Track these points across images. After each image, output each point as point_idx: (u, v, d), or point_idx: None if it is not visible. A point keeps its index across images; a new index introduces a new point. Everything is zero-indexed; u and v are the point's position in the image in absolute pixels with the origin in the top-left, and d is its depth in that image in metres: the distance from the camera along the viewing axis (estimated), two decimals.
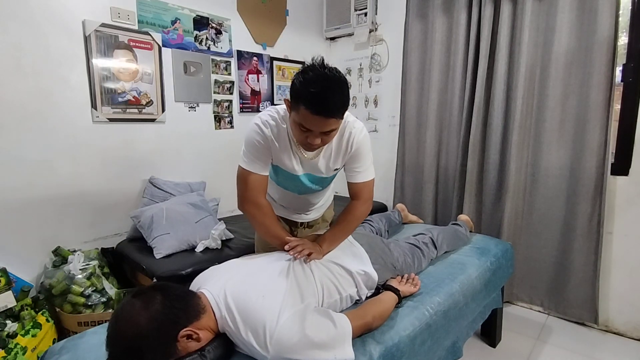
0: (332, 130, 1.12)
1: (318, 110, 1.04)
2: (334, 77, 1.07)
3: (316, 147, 1.17)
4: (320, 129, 1.09)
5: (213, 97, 2.57)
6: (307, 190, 1.40)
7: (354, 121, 1.29)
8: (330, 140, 1.17)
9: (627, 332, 2.03)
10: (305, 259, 1.19)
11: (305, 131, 1.10)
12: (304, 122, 1.08)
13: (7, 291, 1.62)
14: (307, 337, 0.89)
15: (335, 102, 1.05)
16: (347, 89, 1.11)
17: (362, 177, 1.31)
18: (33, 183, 1.85)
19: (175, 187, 2.30)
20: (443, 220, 2.62)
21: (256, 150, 1.23)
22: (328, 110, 1.05)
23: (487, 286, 1.60)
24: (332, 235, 1.32)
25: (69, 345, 1.10)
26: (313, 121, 1.06)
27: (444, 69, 2.54)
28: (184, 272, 1.77)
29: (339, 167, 1.34)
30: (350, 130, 1.26)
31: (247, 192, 1.26)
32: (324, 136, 1.12)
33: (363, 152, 1.28)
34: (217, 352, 0.94)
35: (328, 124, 1.08)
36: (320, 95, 1.03)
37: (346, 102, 1.10)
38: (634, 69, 1.90)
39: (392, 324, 1.15)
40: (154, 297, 0.90)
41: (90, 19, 1.96)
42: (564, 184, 2.11)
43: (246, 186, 1.25)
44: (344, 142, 1.27)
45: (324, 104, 1.04)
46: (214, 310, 0.98)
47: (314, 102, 1.04)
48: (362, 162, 1.29)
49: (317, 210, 1.57)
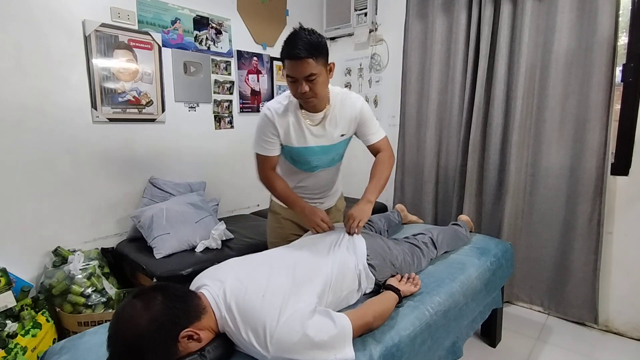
0: (312, 74, 1.25)
1: (289, 54, 1.23)
2: (303, 30, 1.25)
3: (309, 98, 1.30)
4: (299, 74, 1.25)
5: (213, 97, 2.57)
6: (319, 163, 1.52)
7: (351, 92, 1.48)
8: (317, 88, 1.29)
9: (627, 332, 2.03)
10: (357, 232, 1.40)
11: (293, 82, 1.28)
12: (287, 72, 1.28)
13: (7, 291, 1.62)
14: (308, 336, 0.89)
15: (302, 43, 1.21)
16: (317, 36, 1.26)
17: (377, 137, 1.52)
18: (33, 183, 1.85)
19: (175, 187, 2.30)
20: (443, 220, 2.62)
21: (262, 134, 1.43)
22: (297, 51, 1.21)
23: (487, 286, 1.60)
24: (373, 184, 1.47)
25: (69, 345, 1.10)
26: (290, 68, 1.25)
27: (444, 69, 2.54)
28: (184, 272, 1.77)
29: (345, 133, 1.48)
30: (349, 99, 1.45)
31: (259, 169, 1.51)
32: (309, 83, 1.26)
33: (368, 116, 1.48)
34: (217, 352, 0.94)
35: (303, 66, 1.23)
36: (289, 42, 1.25)
37: (314, 43, 1.23)
38: (634, 69, 1.90)
39: (393, 323, 1.15)
40: (155, 297, 0.90)
41: (90, 19, 1.96)
42: (564, 183, 2.11)
43: (258, 164, 1.51)
44: (346, 109, 1.44)
45: (292, 47, 1.22)
46: (214, 311, 0.98)
47: (285, 50, 1.25)
48: (370, 126, 1.50)
49: (331, 197, 1.71)
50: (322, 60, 1.27)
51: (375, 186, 1.47)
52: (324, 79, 1.31)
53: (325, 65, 1.29)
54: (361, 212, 1.41)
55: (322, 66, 1.27)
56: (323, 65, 1.28)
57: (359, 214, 1.41)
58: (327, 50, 1.30)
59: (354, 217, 1.40)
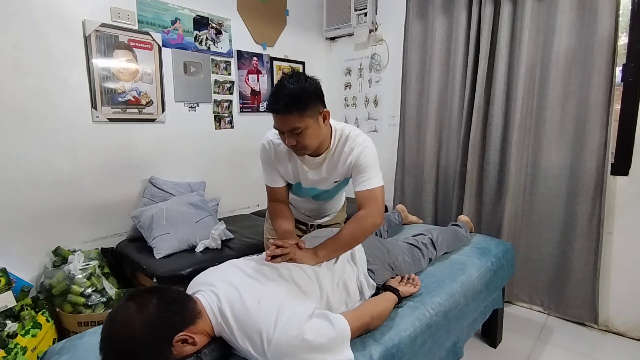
0: (297, 128, 1.14)
1: (271, 108, 1.16)
2: (289, 78, 1.15)
3: (298, 149, 1.22)
4: (283, 127, 1.17)
5: (213, 97, 2.57)
6: (315, 197, 1.49)
7: (357, 135, 1.31)
8: (307, 141, 1.18)
9: (627, 332, 2.03)
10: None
11: (282, 134, 1.20)
12: (275, 124, 1.20)
13: (7, 291, 1.61)
14: (306, 340, 0.88)
15: (283, 99, 1.12)
16: (303, 84, 1.14)
17: (364, 186, 1.27)
18: (33, 183, 1.85)
19: (175, 187, 2.30)
20: (443, 221, 2.61)
21: (265, 165, 1.41)
22: (278, 106, 1.13)
23: (488, 286, 1.60)
24: (332, 244, 1.26)
25: (68, 346, 1.10)
26: (276, 121, 1.18)
27: (444, 69, 2.54)
28: (184, 272, 1.77)
29: (338, 180, 1.38)
30: (351, 145, 1.29)
31: (268, 196, 1.48)
32: (296, 136, 1.17)
33: (364, 164, 1.28)
34: (213, 355, 0.93)
35: (286, 121, 1.14)
36: (273, 93, 1.17)
37: (297, 96, 1.12)
38: (634, 69, 1.90)
39: (393, 324, 1.15)
40: (150, 300, 0.89)
41: (90, 19, 1.96)
42: (564, 183, 2.11)
43: (267, 191, 1.48)
44: (346, 156, 1.29)
45: (274, 100, 1.15)
46: (209, 316, 0.96)
47: (269, 103, 1.18)
48: (364, 173, 1.28)
49: (328, 216, 1.67)
50: (310, 112, 1.15)
51: (333, 246, 1.25)
52: (314, 130, 1.18)
53: (314, 116, 1.17)
54: (301, 258, 1.20)
55: (309, 118, 1.15)
56: (311, 117, 1.15)
57: (299, 258, 1.20)
58: (317, 97, 1.17)
59: (293, 256, 1.19)
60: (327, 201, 1.58)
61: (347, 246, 1.28)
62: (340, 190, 1.54)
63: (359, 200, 1.28)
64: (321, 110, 1.20)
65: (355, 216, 1.26)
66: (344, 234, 1.26)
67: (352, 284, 1.24)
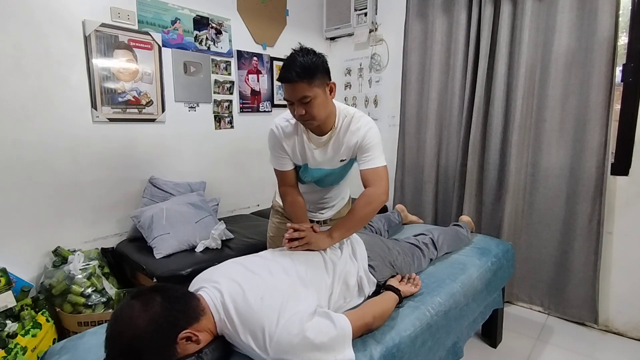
0: (306, 97, 1.21)
1: (283, 77, 1.21)
2: (300, 51, 1.23)
3: (306, 120, 1.27)
4: (293, 97, 1.22)
5: (213, 97, 2.57)
6: (318, 181, 1.51)
7: (362, 116, 1.39)
8: (314, 110, 1.24)
9: (627, 332, 2.03)
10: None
11: (291, 104, 1.26)
12: (284, 94, 1.26)
13: (7, 291, 1.61)
14: (307, 339, 0.89)
15: (295, 67, 1.19)
16: (312, 56, 1.22)
17: (369, 165, 1.35)
18: (33, 183, 1.85)
19: (175, 187, 2.30)
20: (443, 221, 2.61)
21: (273, 150, 1.45)
22: (290, 75, 1.19)
23: (488, 286, 1.60)
24: (345, 224, 1.33)
25: (69, 346, 1.10)
26: (285, 90, 1.24)
27: (444, 69, 2.54)
28: (184, 272, 1.77)
29: (345, 158, 1.42)
30: (357, 125, 1.36)
31: (278, 182, 1.52)
32: (304, 106, 1.23)
33: (370, 144, 1.35)
34: (215, 354, 0.93)
35: (296, 89, 1.20)
36: (284, 65, 1.23)
37: (308, 66, 1.19)
38: (634, 69, 1.90)
39: (393, 324, 1.15)
40: (154, 298, 0.89)
41: (90, 19, 1.96)
42: (564, 183, 2.11)
43: (277, 177, 1.52)
44: (350, 134, 1.36)
45: (285, 70, 1.21)
46: (212, 313, 0.97)
47: (280, 73, 1.23)
48: (369, 152, 1.36)
49: (331, 209, 1.68)
50: (318, 82, 1.22)
51: (345, 225, 1.32)
52: (322, 100, 1.25)
53: (322, 86, 1.24)
54: (317, 241, 1.26)
55: (317, 88, 1.22)
56: (319, 87, 1.23)
57: (315, 242, 1.25)
58: (324, 70, 1.25)
59: (309, 239, 1.24)
60: (332, 188, 1.59)
61: (359, 224, 1.35)
62: (345, 174, 1.56)
63: (364, 178, 1.36)
64: (328, 82, 1.28)
65: (363, 194, 1.33)
66: (354, 213, 1.33)
67: (352, 279, 1.25)
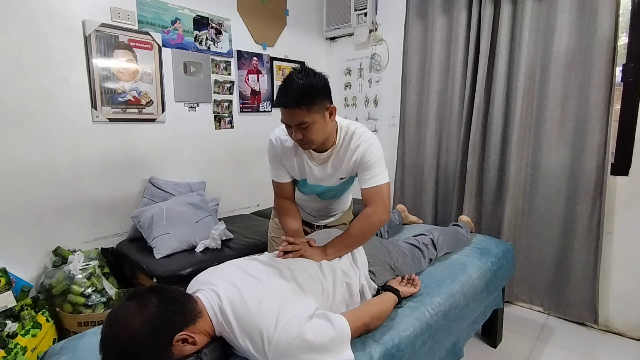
0: (304, 123, 1.17)
1: (279, 102, 1.18)
2: (298, 73, 1.18)
3: (303, 143, 1.24)
4: (291, 121, 1.19)
5: (213, 97, 2.57)
6: (321, 195, 1.50)
7: (363, 133, 1.33)
8: (313, 136, 1.20)
9: (627, 332, 2.03)
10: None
11: (288, 127, 1.23)
12: (282, 118, 1.22)
13: (7, 291, 1.61)
14: (306, 341, 0.88)
15: (291, 93, 1.14)
16: (312, 79, 1.16)
17: (369, 184, 1.30)
18: (33, 183, 1.85)
19: (175, 187, 2.30)
20: (443, 221, 2.61)
21: (272, 161, 1.44)
22: (287, 100, 1.16)
23: (488, 286, 1.60)
24: (341, 242, 1.30)
25: (68, 346, 1.10)
26: (284, 115, 1.20)
27: (444, 69, 2.54)
28: (184, 272, 1.77)
29: (344, 176, 1.39)
30: (357, 142, 1.31)
31: (275, 193, 1.51)
32: (303, 131, 1.19)
33: (370, 162, 1.30)
34: (213, 355, 0.93)
35: (294, 116, 1.17)
36: (281, 87, 1.18)
37: (305, 90, 1.14)
38: (634, 69, 1.90)
39: (393, 324, 1.15)
40: (149, 300, 0.88)
41: (90, 19, 1.96)
42: (564, 184, 2.11)
43: (273, 188, 1.50)
44: (350, 152, 1.32)
45: (282, 94, 1.17)
46: (210, 316, 0.96)
47: (277, 97, 1.20)
48: (369, 171, 1.30)
49: (334, 217, 1.67)
50: (317, 108, 1.17)
51: (342, 243, 1.29)
52: (320, 125, 1.20)
53: (321, 111, 1.19)
54: (311, 255, 1.24)
55: (316, 113, 1.17)
56: (318, 112, 1.18)
57: (309, 256, 1.24)
58: (324, 93, 1.20)
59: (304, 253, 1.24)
60: (333, 200, 1.58)
61: (355, 243, 1.31)
62: (346, 190, 1.55)
63: (365, 198, 1.31)
64: (328, 106, 1.23)
65: (362, 213, 1.30)
66: (351, 232, 1.30)
67: (355, 287, 1.24)
